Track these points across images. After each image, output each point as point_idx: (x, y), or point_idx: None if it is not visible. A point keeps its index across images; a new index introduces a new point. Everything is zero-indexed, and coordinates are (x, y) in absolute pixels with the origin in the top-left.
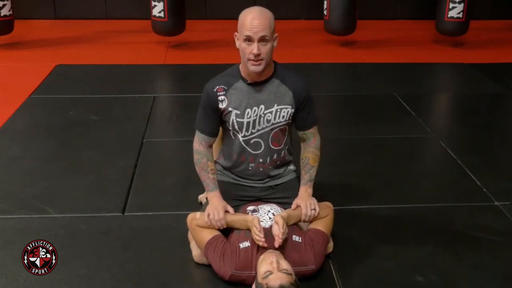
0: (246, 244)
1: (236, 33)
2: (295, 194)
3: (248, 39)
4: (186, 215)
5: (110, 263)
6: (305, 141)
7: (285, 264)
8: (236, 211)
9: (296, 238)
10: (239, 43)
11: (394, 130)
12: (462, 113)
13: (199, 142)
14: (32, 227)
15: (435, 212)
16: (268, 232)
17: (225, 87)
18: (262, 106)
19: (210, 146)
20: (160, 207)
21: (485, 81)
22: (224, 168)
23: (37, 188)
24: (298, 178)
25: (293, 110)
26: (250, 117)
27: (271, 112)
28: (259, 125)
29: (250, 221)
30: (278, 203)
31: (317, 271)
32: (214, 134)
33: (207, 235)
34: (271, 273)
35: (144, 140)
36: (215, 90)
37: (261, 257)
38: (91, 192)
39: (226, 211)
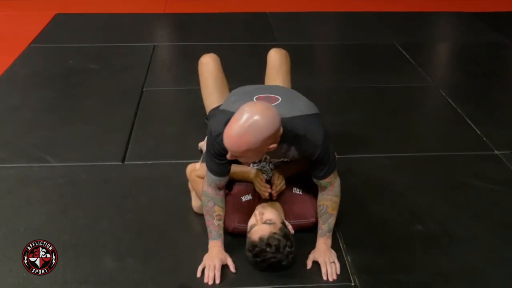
0: (248, 197)
1: None
2: None
3: None
4: (186, 164)
5: (110, 211)
6: (322, 188)
7: (269, 214)
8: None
9: (296, 190)
10: None
11: (394, 79)
12: (462, 62)
13: (208, 184)
14: (32, 176)
15: (435, 161)
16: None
17: None
18: (267, 157)
19: (220, 189)
20: (160, 156)
21: (486, 30)
22: None
23: (37, 137)
24: None
25: None
26: (255, 163)
27: (276, 161)
28: (264, 167)
29: (253, 174)
30: None
31: (316, 224)
32: (224, 174)
33: None
34: (255, 226)
35: (144, 89)
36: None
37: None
38: (91, 141)
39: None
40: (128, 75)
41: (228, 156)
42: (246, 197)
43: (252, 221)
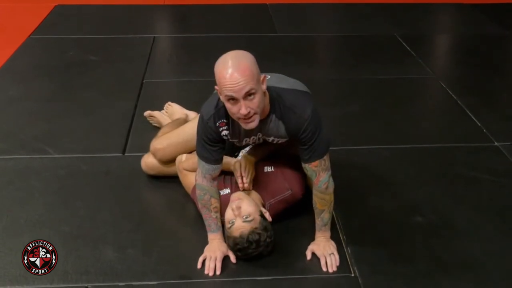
0: (226, 191)
1: (216, 87)
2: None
3: (232, 99)
4: None
5: (111, 203)
6: (309, 178)
7: (246, 207)
8: None
9: (268, 168)
10: (222, 99)
11: (395, 70)
12: (462, 54)
13: (202, 175)
14: (32, 167)
15: (435, 152)
16: None
17: (226, 121)
18: (260, 134)
19: (214, 179)
20: None
21: (486, 22)
22: None
23: (37, 129)
24: None
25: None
26: (247, 142)
27: (267, 139)
28: (255, 143)
29: (232, 165)
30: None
31: (301, 195)
32: (218, 161)
33: (194, 178)
34: (234, 222)
35: (144, 81)
36: (217, 125)
37: (230, 198)
38: (92, 133)
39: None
40: (128, 66)
41: (243, 111)
42: (224, 191)
43: (229, 214)
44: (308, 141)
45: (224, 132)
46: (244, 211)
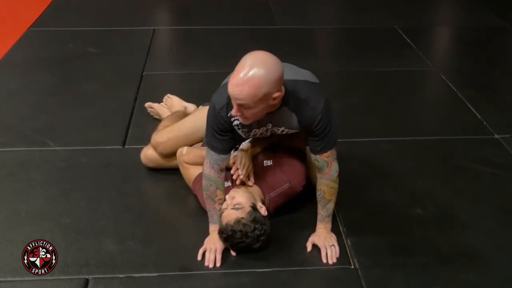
0: (228, 184)
1: None
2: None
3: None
4: None
5: (111, 195)
6: (319, 169)
7: (239, 198)
8: None
9: (267, 162)
10: None
11: (395, 63)
12: (463, 46)
13: (210, 165)
14: (32, 160)
15: (435, 145)
16: None
17: None
18: (270, 124)
19: (222, 170)
20: None
21: (487, 15)
22: None
23: (37, 121)
24: None
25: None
26: (256, 133)
27: (277, 130)
28: (263, 135)
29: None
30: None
31: (302, 188)
32: (227, 151)
33: (195, 171)
34: (224, 211)
35: (144, 73)
36: (229, 114)
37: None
38: (92, 125)
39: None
40: (128, 59)
41: (233, 112)
42: (226, 184)
43: (224, 205)
44: (321, 133)
45: (236, 122)
46: (235, 201)
